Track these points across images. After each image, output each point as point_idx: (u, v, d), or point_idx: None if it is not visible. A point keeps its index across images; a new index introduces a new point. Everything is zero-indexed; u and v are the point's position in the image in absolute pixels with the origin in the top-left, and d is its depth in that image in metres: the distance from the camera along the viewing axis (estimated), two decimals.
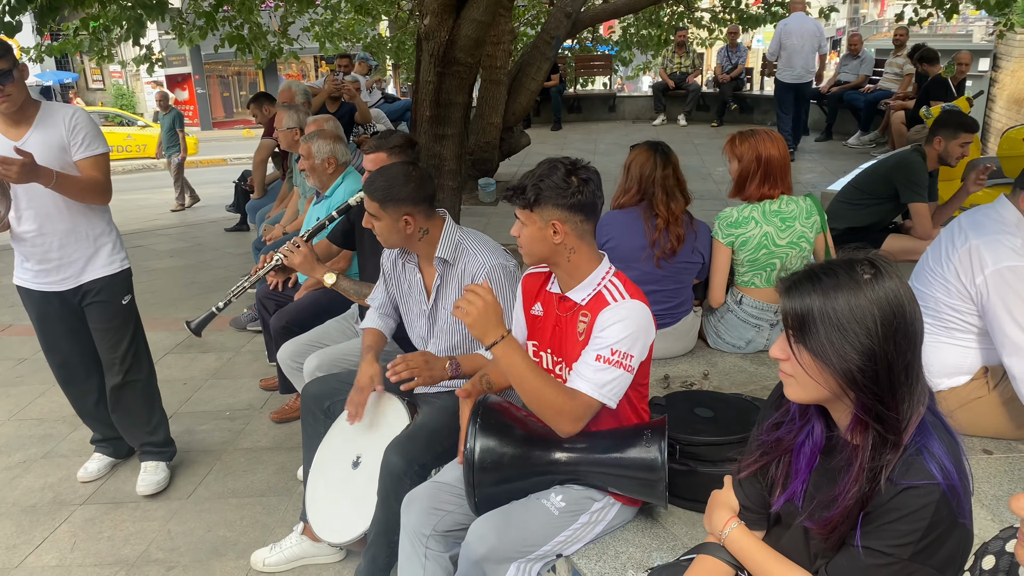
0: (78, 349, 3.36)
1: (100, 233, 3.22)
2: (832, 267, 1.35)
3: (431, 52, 5.19)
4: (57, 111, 3.04)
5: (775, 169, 3.25)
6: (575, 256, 2.06)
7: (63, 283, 3.18)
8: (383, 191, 2.50)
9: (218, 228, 8.50)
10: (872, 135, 10.12)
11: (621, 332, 1.97)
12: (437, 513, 2.22)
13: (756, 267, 3.31)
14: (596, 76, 15.08)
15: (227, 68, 28.03)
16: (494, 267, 2.55)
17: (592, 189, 2.02)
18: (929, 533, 1.28)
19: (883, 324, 1.29)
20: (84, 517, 3.27)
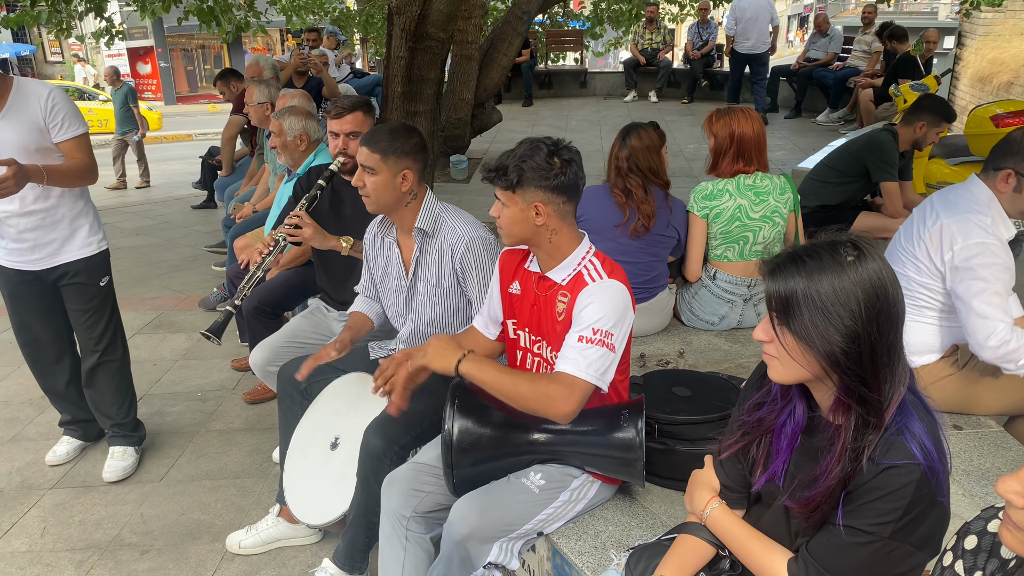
0: (50, 328, 3.30)
1: (78, 214, 3.16)
2: (815, 249, 1.35)
3: (402, 27, 5.11)
4: (32, 90, 2.94)
5: (748, 146, 3.29)
6: (556, 237, 2.04)
7: (39, 262, 3.11)
8: (387, 143, 2.46)
9: (184, 205, 8.36)
10: (841, 112, 10.20)
11: (600, 311, 1.96)
12: (417, 494, 2.22)
13: (729, 239, 3.35)
14: (567, 52, 14.99)
15: (191, 41, 27.42)
16: (473, 239, 2.53)
17: (575, 170, 2.00)
18: (909, 512, 1.30)
19: (867, 306, 1.30)
20: (54, 501, 3.22)
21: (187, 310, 5.24)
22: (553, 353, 2.09)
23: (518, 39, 8.72)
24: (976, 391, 2.61)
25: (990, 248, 2.38)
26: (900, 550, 1.33)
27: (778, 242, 3.37)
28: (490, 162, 2.03)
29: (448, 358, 2.03)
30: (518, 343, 2.21)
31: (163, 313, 5.20)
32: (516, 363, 2.24)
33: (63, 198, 3.08)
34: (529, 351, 2.18)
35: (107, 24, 8.42)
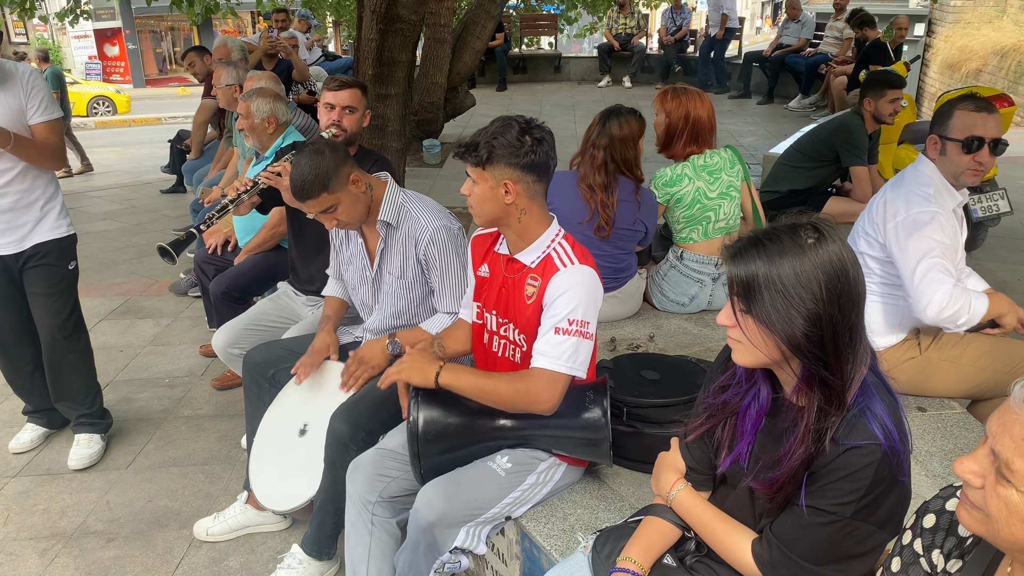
0: (13, 317, 3.24)
1: (50, 197, 3.14)
2: (776, 233, 1.36)
3: (373, 8, 5.04)
4: (12, 70, 2.92)
5: (702, 129, 3.33)
6: (526, 217, 2.03)
7: (7, 247, 3.07)
8: (319, 179, 2.37)
9: (153, 190, 8.23)
10: (813, 98, 10.27)
11: (573, 300, 1.96)
12: (382, 480, 2.21)
13: (692, 223, 3.39)
14: (541, 36, 14.93)
15: (160, 23, 26.96)
16: (437, 229, 2.51)
17: (546, 150, 1.99)
18: (871, 491, 1.31)
19: (828, 288, 1.31)
20: (17, 490, 3.17)
21: (155, 295, 5.17)
22: (520, 335, 2.09)
23: (492, 23, 8.67)
24: (938, 374, 2.65)
25: (929, 214, 2.44)
26: (861, 529, 1.34)
27: (738, 216, 3.40)
28: (463, 138, 2.01)
29: (427, 372, 2.04)
30: (485, 326, 2.21)
31: (130, 299, 5.12)
32: (483, 345, 2.23)
33: (37, 180, 3.07)
34: (496, 334, 2.17)
35: (72, 3, 8.24)
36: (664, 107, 3.35)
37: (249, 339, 3.15)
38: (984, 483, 0.99)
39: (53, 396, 3.39)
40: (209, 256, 4.01)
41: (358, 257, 2.68)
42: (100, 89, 20.11)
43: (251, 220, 3.82)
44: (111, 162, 11.24)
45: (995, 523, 0.98)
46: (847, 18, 9.65)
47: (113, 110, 19.27)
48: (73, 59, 25.80)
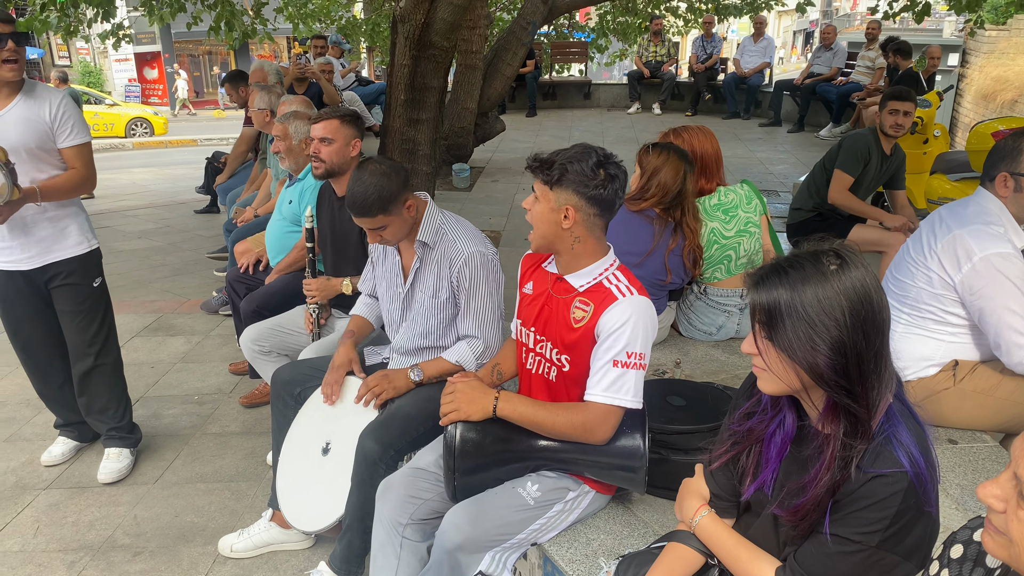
0: (42, 331, 3.29)
1: (68, 213, 3.16)
2: (798, 260, 1.36)
3: (406, 35, 5.14)
4: (43, 93, 3.00)
5: (709, 163, 3.33)
6: (579, 246, 2.02)
7: (28, 261, 3.11)
8: (380, 200, 2.45)
9: (188, 210, 8.37)
10: (844, 127, 10.22)
11: (633, 332, 1.95)
12: (414, 501, 2.21)
13: (713, 263, 3.36)
14: (572, 63, 15.04)
15: (198, 47, 27.56)
16: (472, 253, 2.53)
17: (616, 188, 1.98)
18: (897, 521, 1.30)
19: (851, 314, 1.30)
20: (48, 502, 3.21)
21: (187, 313, 5.25)
22: (561, 356, 2.08)
23: (523, 50, 8.76)
24: (971, 406, 2.60)
25: (1009, 257, 2.38)
26: (887, 559, 1.33)
27: (759, 250, 3.37)
28: (540, 153, 2.03)
29: (484, 405, 2.04)
30: (523, 342, 2.22)
31: (163, 316, 5.21)
32: (520, 362, 2.24)
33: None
34: (532, 351, 2.17)
35: (114, 27, 8.46)
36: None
37: (271, 339, 3.31)
38: (1007, 507, 0.98)
39: (83, 410, 3.44)
40: (241, 275, 4.08)
41: (392, 272, 2.71)
42: (138, 111, 20.59)
43: (282, 240, 3.89)
44: (147, 182, 11.48)
45: (1018, 547, 0.97)
46: (881, 45, 9.61)
47: (150, 131, 19.70)
48: (113, 81, 26.42)
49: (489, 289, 2.55)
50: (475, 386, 2.07)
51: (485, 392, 2.06)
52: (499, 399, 2.04)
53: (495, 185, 8.24)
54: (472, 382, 2.09)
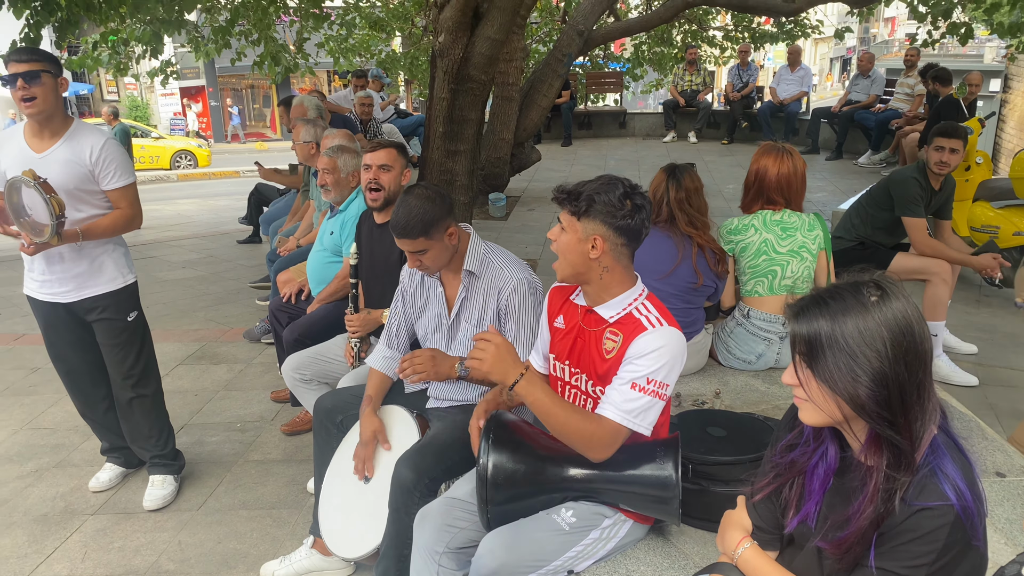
0: (85, 359, 3.38)
1: (105, 251, 3.23)
2: (839, 291, 1.36)
3: (445, 69, 5.24)
4: (87, 136, 3.08)
5: (769, 186, 3.35)
6: (607, 275, 2.05)
7: (66, 295, 3.20)
8: (422, 223, 2.49)
9: (231, 240, 8.55)
10: (883, 154, 10.14)
11: (658, 361, 1.97)
12: (451, 530, 2.22)
13: (757, 274, 3.37)
14: (607, 93, 15.14)
15: (241, 81, 28.25)
16: (519, 280, 2.58)
17: (643, 218, 2.02)
18: (943, 555, 1.28)
19: (893, 345, 1.30)
20: (95, 527, 3.28)
21: (229, 341, 5.35)
22: (594, 387, 2.10)
23: (558, 81, 8.86)
24: None
25: None
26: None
27: (808, 279, 3.36)
28: (566, 184, 2.06)
29: (508, 374, 2.01)
30: (558, 376, 2.23)
31: (206, 344, 5.31)
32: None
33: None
34: (568, 384, 2.19)
35: (163, 64, 8.74)
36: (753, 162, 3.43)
37: (311, 368, 3.38)
38: None
39: (128, 437, 3.52)
40: (283, 304, 4.15)
41: (435, 304, 2.75)
42: (183, 143, 21.12)
43: (323, 270, 3.96)
44: (191, 213, 11.75)
45: None
46: (920, 72, 9.54)
47: (194, 163, 20.19)
48: (159, 115, 27.18)
49: (536, 315, 2.59)
50: (510, 351, 2.04)
51: (515, 363, 2.03)
52: (523, 376, 2.01)
53: (531, 214, 8.30)
54: (509, 346, 2.05)
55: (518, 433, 2.16)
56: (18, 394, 4.63)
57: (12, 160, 3.01)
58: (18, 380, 4.83)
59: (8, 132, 3.12)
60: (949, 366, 4.32)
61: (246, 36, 8.58)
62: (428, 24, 12.18)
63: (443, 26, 5.11)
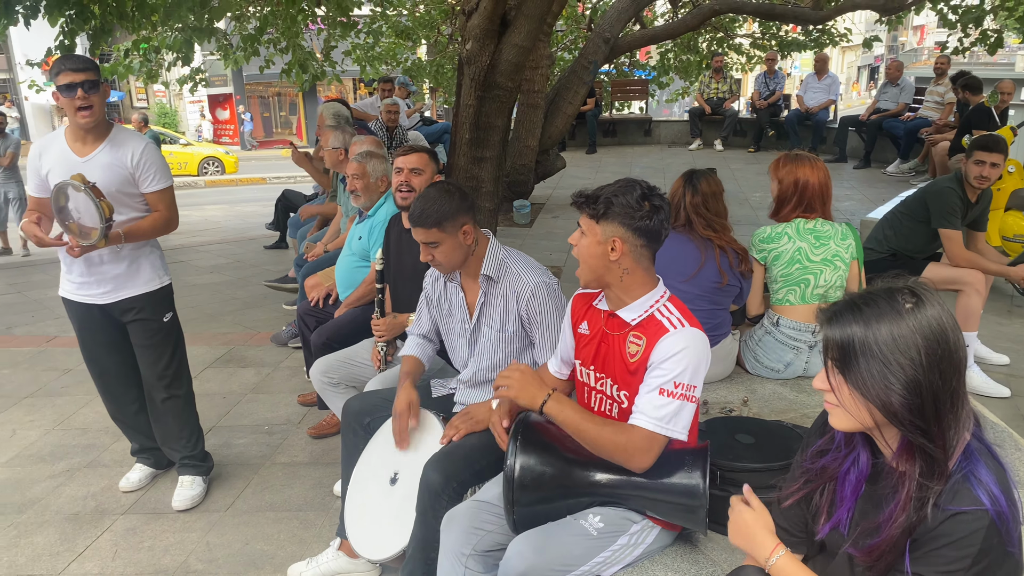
0: (117, 360, 3.43)
1: (142, 253, 3.29)
2: (873, 296, 1.35)
3: (472, 76, 5.26)
4: (128, 140, 3.16)
5: (812, 195, 3.34)
6: (628, 277, 2.07)
7: (103, 296, 3.26)
8: (436, 214, 2.52)
9: (258, 245, 8.64)
10: (912, 163, 10.03)
11: (682, 363, 1.97)
12: (477, 533, 2.23)
13: (789, 282, 3.35)
14: (632, 101, 15.12)
15: (268, 89, 28.57)
16: (538, 285, 2.59)
17: (661, 218, 2.03)
18: (979, 561, 1.27)
19: (927, 353, 1.29)
20: (125, 527, 3.32)
21: (257, 345, 5.40)
22: (621, 392, 2.11)
23: (584, 88, 8.86)
24: None
25: None
26: None
27: (840, 287, 3.34)
28: (584, 189, 2.08)
29: (535, 396, 2.07)
30: (584, 382, 2.24)
31: (234, 348, 5.37)
32: (583, 401, 2.26)
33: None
34: (593, 389, 2.20)
35: (192, 71, 8.86)
36: (776, 174, 3.40)
37: (340, 371, 3.41)
38: None
39: (158, 438, 3.57)
40: (311, 309, 4.19)
41: (458, 309, 2.77)
42: (210, 150, 21.38)
43: (351, 274, 3.99)
44: (218, 219, 11.89)
45: None
46: (952, 78, 9.43)
47: (222, 170, 20.42)
48: (187, 122, 27.55)
49: (561, 315, 2.59)
50: (534, 377, 2.11)
51: (540, 386, 2.09)
52: (551, 397, 2.06)
53: (555, 221, 8.30)
54: (533, 372, 2.13)
55: (546, 435, 2.16)
56: (50, 395, 4.70)
57: (55, 164, 3.08)
58: (50, 381, 4.91)
59: (49, 137, 3.18)
60: (981, 377, 4.26)
61: (274, 44, 8.68)
62: (454, 32, 12.27)
63: (471, 33, 5.14)
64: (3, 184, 9.43)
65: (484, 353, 2.71)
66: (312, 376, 3.50)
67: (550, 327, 2.60)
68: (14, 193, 9.49)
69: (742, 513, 1.66)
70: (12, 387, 4.82)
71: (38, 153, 3.13)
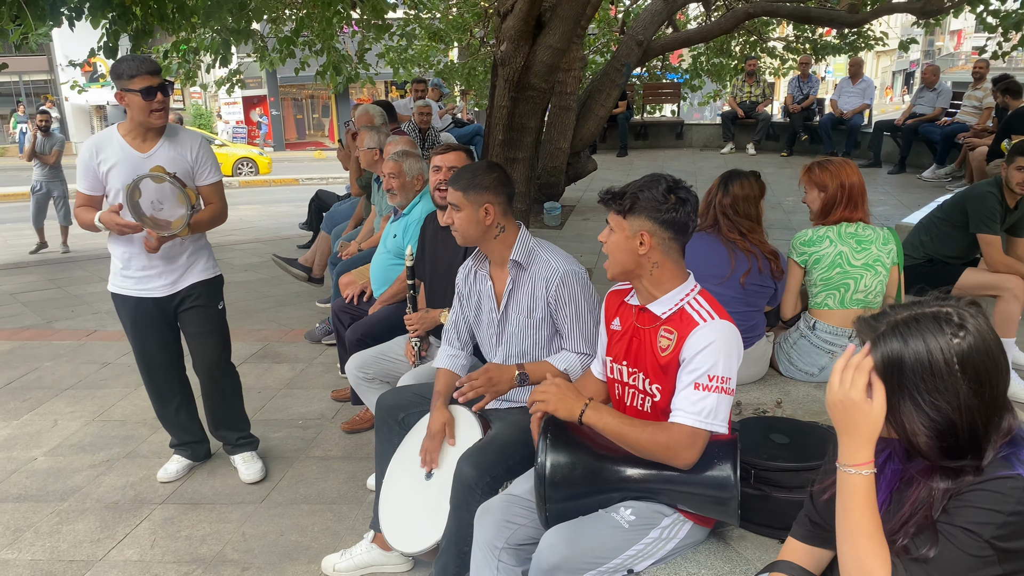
0: (166, 356, 3.53)
1: (202, 244, 3.47)
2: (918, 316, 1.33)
3: (506, 77, 5.29)
4: (185, 135, 3.30)
5: (856, 195, 3.33)
6: (658, 271, 2.09)
7: (163, 288, 3.36)
8: (467, 180, 2.62)
9: (291, 245, 8.73)
10: (948, 168, 9.88)
11: (713, 356, 1.99)
12: (510, 526, 2.25)
13: (829, 287, 3.32)
14: (664, 104, 15.07)
15: (301, 91, 28.86)
16: (567, 272, 2.60)
17: (688, 211, 2.05)
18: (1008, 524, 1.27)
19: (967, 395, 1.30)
20: (163, 516, 3.39)
21: (291, 342, 5.48)
22: (653, 385, 2.12)
23: (616, 91, 8.85)
24: None
25: None
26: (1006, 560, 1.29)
27: (880, 293, 3.31)
28: (612, 187, 2.11)
29: (573, 407, 2.08)
30: (616, 378, 2.25)
31: (268, 344, 5.45)
32: (615, 397, 2.27)
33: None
34: (626, 384, 2.22)
35: (230, 73, 9.00)
36: (815, 181, 3.38)
37: (374, 367, 3.47)
38: None
39: (212, 425, 3.69)
40: (346, 305, 4.25)
41: (487, 298, 2.79)
42: (245, 151, 21.65)
43: (385, 272, 4.04)
44: (252, 218, 12.04)
45: None
46: (994, 80, 9.28)
47: (256, 170, 20.66)
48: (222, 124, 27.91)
49: (590, 306, 2.62)
50: (570, 389, 2.13)
51: (577, 397, 2.10)
52: (588, 406, 2.07)
53: (586, 223, 8.30)
54: (568, 384, 2.15)
55: (576, 432, 2.18)
56: (90, 387, 4.80)
57: (117, 162, 3.18)
58: (90, 374, 5.02)
59: (103, 136, 3.25)
60: (1017, 383, 4.20)
61: (310, 46, 8.78)
62: (486, 35, 12.33)
63: (505, 35, 5.17)
64: (48, 182, 9.50)
65: (513, 341, 2.73)
66: (347, 371, 3.55)
67: (577, 316, 2.61)
68: (59, 191, 9.56)
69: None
70: (54, 379, 4.94)
71: (93, 151, 3.21)
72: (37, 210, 9.53)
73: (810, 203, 3.44)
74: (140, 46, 6.65)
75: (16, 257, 9.25)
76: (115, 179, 3.17)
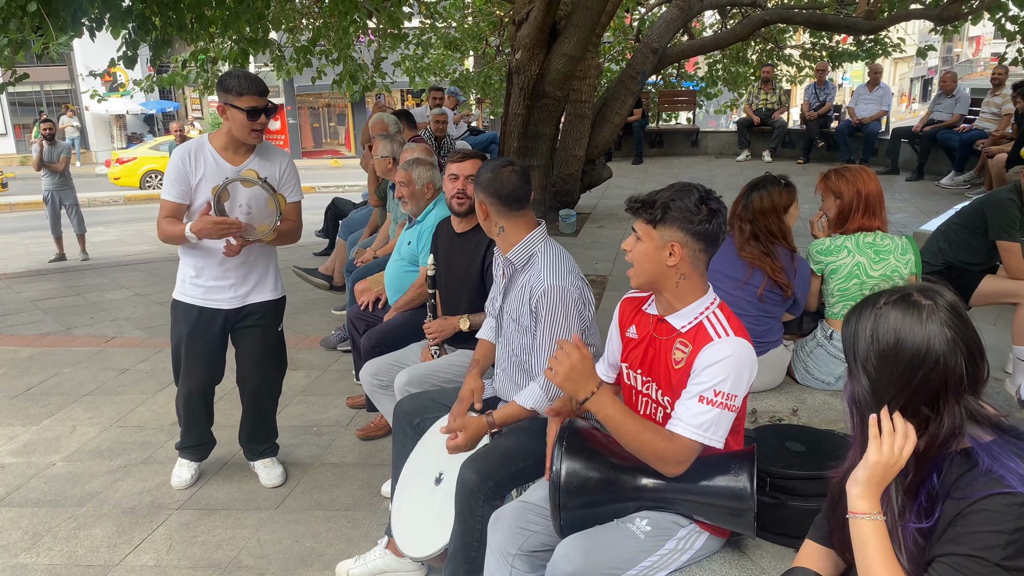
0: (207, 375, 3.52)
1: (271, 261, 3.49)
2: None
3: (521, 85, 5.32)
4: (275, 152, 3.35)
5: (874, 202, 3.31)
6: (684, 283, 2.05)
7: (231, 301, 3.38)
8: (480, 174, 2.70)
9: (307, 252, 8.77)
10: (967, 175, 9.81)
11: (723, 372, 1.96)
12: (523, 533, 2.25)
13: (846, 297, 3.30)
14: (680, 111, 15.06)
15: (318, 100, 29.07)
16: (549, 287, 2.56)
17: (719, 222, 2.02)
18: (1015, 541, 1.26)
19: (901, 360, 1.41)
20: (179, 521, 3.41)
21: (307, 349, 5.50)
22: (664, 396, 2.11)
23: (631, 99, 8.85)
24: None
25: None
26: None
27: None
28: (638, 194, 2.07)
29: (579, 387, 2.00)
30: (631, 385, 2.25)
31: None
32: (629, 403, 2.27)
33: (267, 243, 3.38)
34: (640, 393, 2.21)
35: None
36: (832, 188, 3.37)
37: (389, 373, 3.46)
38: None
39: (248, 437, 3.72)
40: (361, 312, 4.26)
41: (496, 287, 2.86)
42: None
43: (400, 279, 4.05)
44: None
45: None
46: (1014, 85, 9.21)
47: None
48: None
49: (569, 325, 2.55)
50: (586, 367, 2.00)
51: (588, 378, 2.00)
52: (596, 392, 1.99)
53: (601, 231, 8.30)
54: (587, 363, 2.01)
55: (591, 441, 2.17)
56: (108, 393, 4.84)
57: (208, 172, 3.20)
58: (108, 380, 5.06)
59: (193, 147, 3.24)
60: None
61: (326, 55, 8.85)
62: (502, 43, 12.38)
63: (521, 43, 5.20)
64: (58, 190, 9.38)
65: (510, 337, 2.75)
66: (362, 378, 3.56)
67: (550, 334, 2.56)
68: (70, 200, 9.47)
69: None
70: (72, 385, 4.99)
71: (186, 159, 3.20)
72: (53, 219, 9.56)
73: (826, 211, 3.42)
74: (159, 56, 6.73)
75: (37, 264, 9.35)
76: (204, 190, 3.18)
